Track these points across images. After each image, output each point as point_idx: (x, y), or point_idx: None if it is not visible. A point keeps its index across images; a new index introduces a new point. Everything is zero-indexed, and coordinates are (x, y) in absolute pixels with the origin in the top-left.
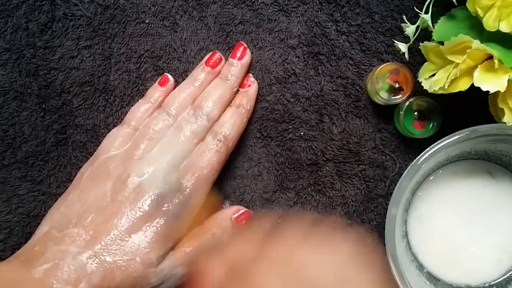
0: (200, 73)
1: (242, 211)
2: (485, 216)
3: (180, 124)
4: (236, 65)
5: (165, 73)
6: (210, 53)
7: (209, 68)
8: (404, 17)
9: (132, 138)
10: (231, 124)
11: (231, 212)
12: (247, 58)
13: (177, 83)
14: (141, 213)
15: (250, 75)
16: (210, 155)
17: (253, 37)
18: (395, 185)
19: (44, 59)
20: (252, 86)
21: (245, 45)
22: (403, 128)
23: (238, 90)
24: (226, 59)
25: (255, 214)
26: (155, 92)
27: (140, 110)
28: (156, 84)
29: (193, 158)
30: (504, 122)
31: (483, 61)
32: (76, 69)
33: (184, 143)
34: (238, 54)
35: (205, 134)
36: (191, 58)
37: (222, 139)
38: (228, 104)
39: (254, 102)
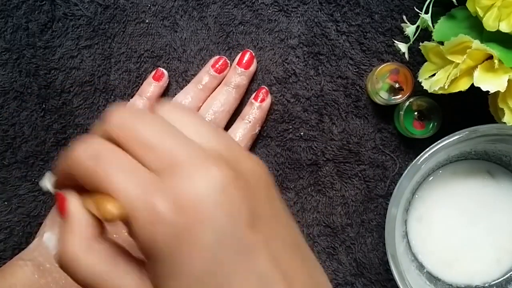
0: (205, 76)
1: None
2: (485, 216)
3: None
4: (242, 73)
5: (159, 68)
6: (216, 57)
7: (215, 72)
8: (404, 17)
9: None
10: (241, 141)
11: None
12: (253, 67)
13: (177, 83)
14: None
15: (265, 87)
16: None
17: (253, 37)
18: (395, 185)
19: (44, 59)
20: (266, 100)
21: (252, 52)
22: (403, 128)
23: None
24: (226, 58)
25: None
26: (150, 86)
27: (136, 106)
28: (151, 78)
29: None
30: (504, 122)
31: (483, 61)
32: (76, 69)
33: None
34: (245, 62)
35: None
36: (191, 58)
37: None
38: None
39: (265, 115)
